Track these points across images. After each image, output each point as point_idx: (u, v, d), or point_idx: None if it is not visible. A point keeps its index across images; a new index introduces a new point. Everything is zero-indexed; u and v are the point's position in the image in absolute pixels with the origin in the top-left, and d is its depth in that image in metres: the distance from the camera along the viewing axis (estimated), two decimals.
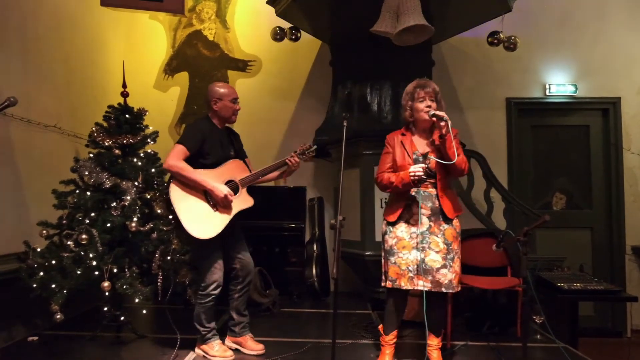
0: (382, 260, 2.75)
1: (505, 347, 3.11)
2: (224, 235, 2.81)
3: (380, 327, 2.84)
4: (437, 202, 2.63)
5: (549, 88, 5.13)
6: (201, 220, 2.74)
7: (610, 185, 5.14)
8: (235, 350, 2.99)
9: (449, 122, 2.51)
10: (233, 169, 2.93)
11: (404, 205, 2.67)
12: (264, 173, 2.97)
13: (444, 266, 2.59)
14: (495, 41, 4.56)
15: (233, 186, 2.87)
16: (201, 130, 2.87)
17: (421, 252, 2.59)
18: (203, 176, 2.76)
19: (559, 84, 5.14)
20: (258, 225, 3.15)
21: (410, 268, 2.59)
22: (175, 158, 2.73)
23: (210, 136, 2.87)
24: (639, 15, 5.13)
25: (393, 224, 2.67)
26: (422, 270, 2.57)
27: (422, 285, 2.57)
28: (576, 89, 5.13)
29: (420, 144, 2.72)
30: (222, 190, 2.77)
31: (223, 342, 2.98)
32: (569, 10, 5.15)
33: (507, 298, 3.69)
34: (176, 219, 2.72)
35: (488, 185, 4.45)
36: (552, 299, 3.53)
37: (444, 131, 2.53)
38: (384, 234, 2.72)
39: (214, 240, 2.77)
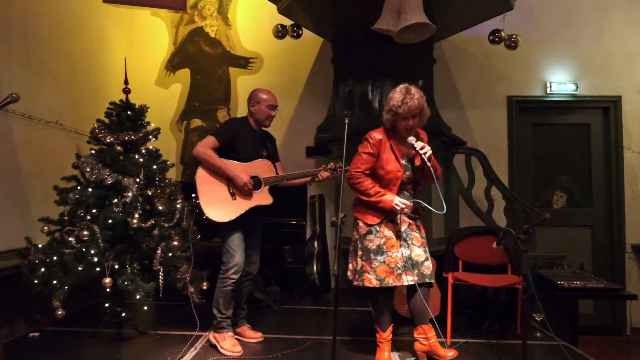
0: (358, 260, 2.78)
1: (505, 345, 3.12)
2: (245, 227, 2.98)
3: (375, 325, 2.84)
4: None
5: (550, 86, 5.13)
6: (217, 204, 2.90)
7: (611, 184, 5.14)
8: (236, 340, 3.06)
9: (429, 152, 2.61)
10: (260, 167, 3.06)
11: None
12: (289, 177, 3.10)
13: (427, 258, 2.74)
14: (497, 39, 4.56)
15: (256, 182, 3.00)
16: (234, 126, 3.08)
17: (406, 249, 2.71)
18: (229, 165, 2.93)
19: (560, 82, 5.14)
20: None
21: (398, 265, 2.68)
22: (204, 146, 2.94)
23: (243, 134, 3.04)
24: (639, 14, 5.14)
25: (379, 224, 2.73)
26: (409, 265, 2.68)
27: (410, 280, 2.66)
28: (577, 87, 5.13)
29: (402, 147, 2.80)
30: (243, 178, 2.91)
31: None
32: (570, 8, 5.15)
33: (507, 296, 3.71)
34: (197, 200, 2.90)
35: (489, 183, 4.45)
36: (552, 296, 3.53)
37: (426, 158, 2.61)
38: (367, 233, 2.75)
39: (236, 226, 2.94)
